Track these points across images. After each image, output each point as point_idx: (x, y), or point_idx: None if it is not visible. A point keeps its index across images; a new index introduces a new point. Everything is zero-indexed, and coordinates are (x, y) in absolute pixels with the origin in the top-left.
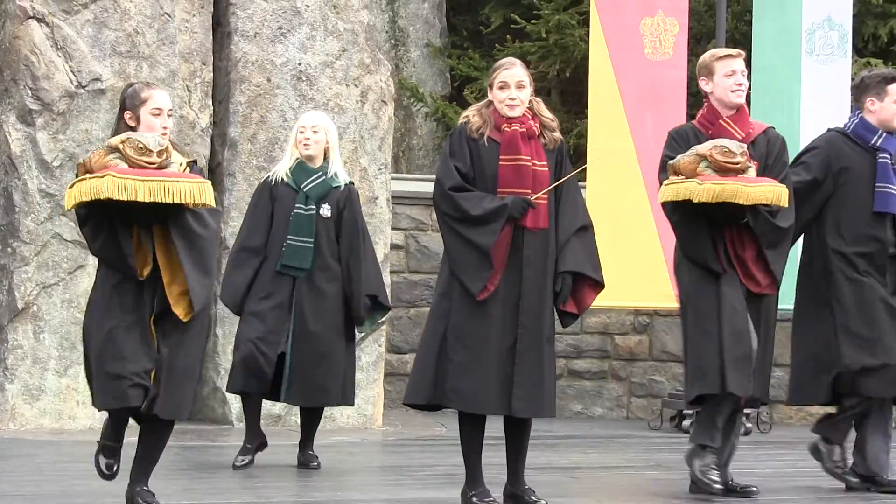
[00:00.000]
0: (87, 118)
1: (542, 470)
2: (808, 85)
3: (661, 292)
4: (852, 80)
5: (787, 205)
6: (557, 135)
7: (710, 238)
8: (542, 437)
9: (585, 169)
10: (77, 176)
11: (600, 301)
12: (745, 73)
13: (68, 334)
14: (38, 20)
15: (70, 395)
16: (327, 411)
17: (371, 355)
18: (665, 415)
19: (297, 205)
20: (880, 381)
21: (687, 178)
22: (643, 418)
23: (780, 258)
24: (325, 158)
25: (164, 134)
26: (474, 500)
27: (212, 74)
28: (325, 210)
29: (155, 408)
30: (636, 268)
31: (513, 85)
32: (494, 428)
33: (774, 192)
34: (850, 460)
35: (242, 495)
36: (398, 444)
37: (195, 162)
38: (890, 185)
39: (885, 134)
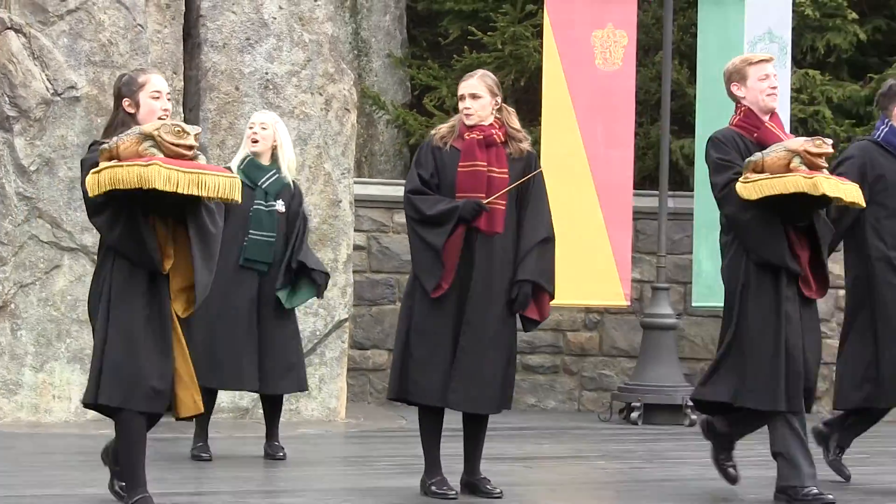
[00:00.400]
0: (63, 124)
1: (497, 460)
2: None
3: (611, 291)
4: (791, 89)
5: (864, 204)
6: (524, 145)
7: (786, 238)
8: (497, 429)
9: (534, 175)
10: (98, 163)
11: (553, 299)
12: (777, 77)
13: (45, 331)
14: (16, 31)
15: (46, 390)
16: (293, 405)
17: (335, 351)
18: (614, 407)
19: (256, 201)
20: None
21: (774, 174)
22: (593, 411)
23: (827, 262)
24: (273, 157)
25: (165, 116)
26: (432, 488)
27: (182, 83)
28: (280, 206)
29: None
30: (587, 268)
31: (467, 96)
32: (456, 420)
33: (859, 193)
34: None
35: (213, 484)
36: (360, 435)
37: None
38: None
39: None
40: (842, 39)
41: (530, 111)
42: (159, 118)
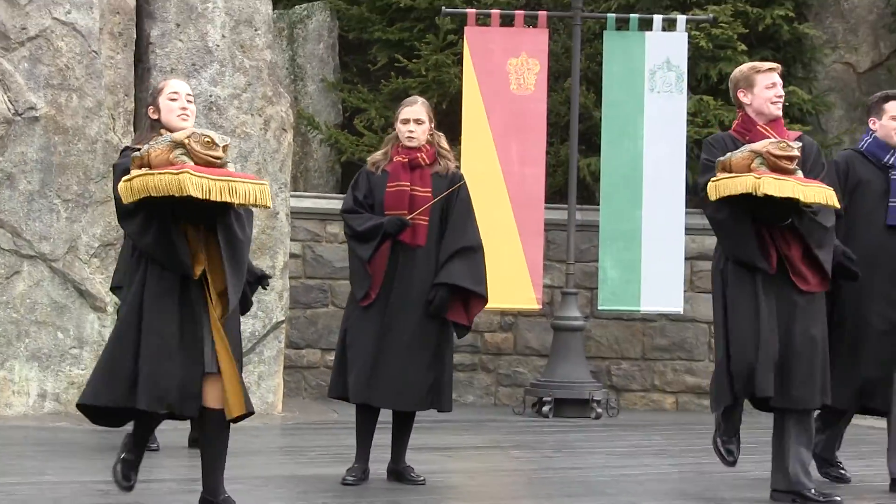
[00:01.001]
0: (23, 142)
1: (420, 449)
2: (650, 117)
3: (524, 295)
4: (687, 112)
5: (837, 205)
6: (451, 164)
7: (756, 237)
8: (420, 422)
9: (452, 191)
10: (129, 170)
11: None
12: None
13: (5, 332)
14: None
15: (7, 386)
16: None
17: (272, 350)
18: (527, 402)
19: None
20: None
21: (738, 174)
22: (508, 405)
23: (829, 257)
24: None
25: (184, 116)
26: (346, 476)
27: (133, 104)
28: None
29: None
30: (502, 274)
31: (412, 120)
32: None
33: (826, 195)
34: None
35: (159, 472)
36: (296, 427)
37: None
38: None
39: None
40: (732, 68)
41: (451, 131)
42: (178, 116)
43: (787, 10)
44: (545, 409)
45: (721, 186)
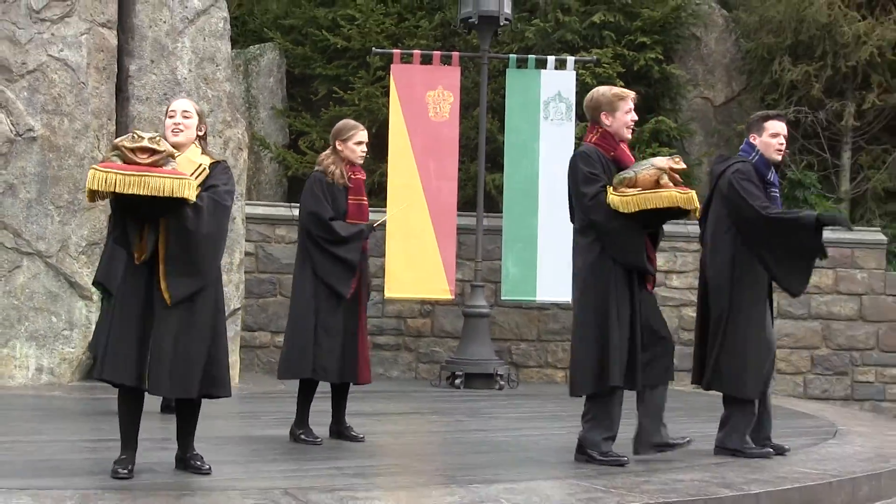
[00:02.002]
0: (23, 158)
1: (353, 415)
2: (545, 141)
3: (440, 287)
4: (575, 139)
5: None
6: None
7: (644, 243)
8: (353, 392)
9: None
10: None
11: (397, 294)
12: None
13: (8, 316)
14: None
15: (9, 361)
16: None
17: (230, 332)
18: (442, 376)
19: None
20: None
21: (645, 188)
22: (427, 378)
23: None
24: None
25: (176, 131)
26: (301, 436)
27: (115, 127)
28: None
29: (155, 388)
30: (421, 269)
31: (365, 143)
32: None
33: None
34: None
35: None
36: (250, 396)
37: (218, 163)
38: None
39: (773, 169)
40: None
41: (379, 152)
42: (171, 131)
43: (657, 53)
44: (457, 381)
45: (641, 200)
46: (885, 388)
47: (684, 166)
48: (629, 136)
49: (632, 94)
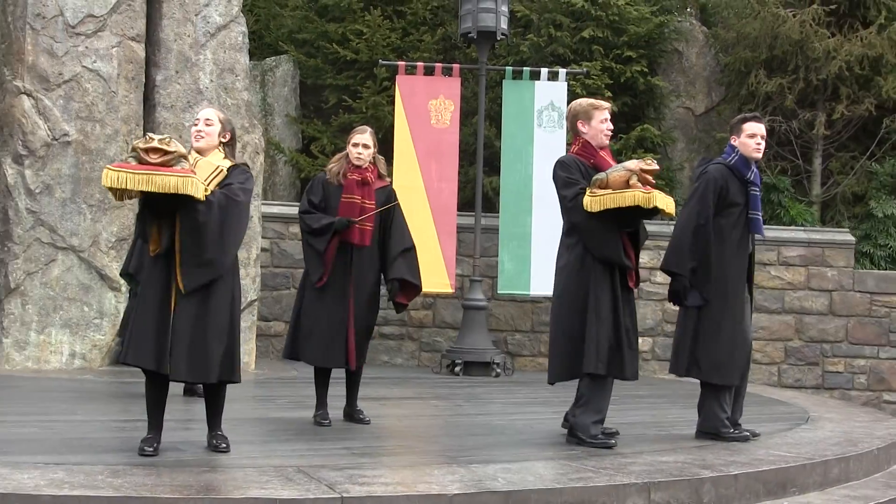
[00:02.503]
0: (59, 161)
1: (361, 399)
2: (538, 147)
3: (441, 282)
4: (566, 143)
5: (673, 213)
6: (388, 183)
7: (621, 240)
8: (361, 378)
9: (391, 206)
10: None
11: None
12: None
13: (44, 306)
14: (27, 95)
15: (46, 347)
16: None
17: (247, 322)
18: (443, 364)
19: None
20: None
21: (616, 189)
22: (428, 366)
23: (638, 261)
24: None
25: (197, 137)
26: (317, 418)
27: (142, 132)
28: None
29: (175, 373)
30: (424, 266)
31: (361, 145)
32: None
33: (670, 202)
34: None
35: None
36: (265, 381)
37: (237, 166)
38: (759, 213)
39: (755, 168)
40: None
41: (385, 156)
42: (193, 136)
43: (642, 66)
44: (457, 369)
45: (607, 200)
46: (854, 378)
47: (656, 167)
48: (607, 142)
49: (608, 105)
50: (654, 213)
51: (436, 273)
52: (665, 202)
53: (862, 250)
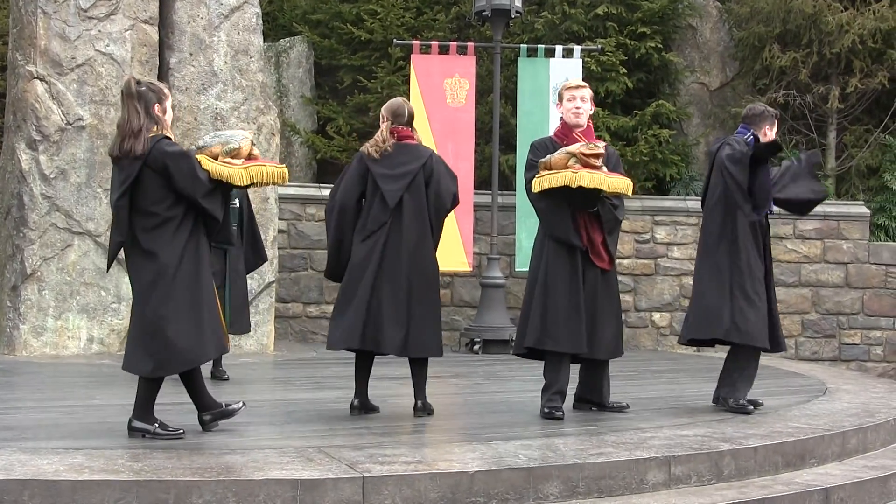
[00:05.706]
0: (73, 146)
1: (381, 378)
2: (554, 124)
3: (459, 260)
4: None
5: (631, 195)
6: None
7: (571, 220)
8: (381, 358)
9: None
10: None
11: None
12: (586, 99)
13: (61, 291)
14: (41, 79)
15: (63, 333)
16: (236, 342)
17: (265, 304)
18: (462, 342)
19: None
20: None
21: (556, 170)
22: (448, 344)
23: (615, 242)
24: None
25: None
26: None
27: None
28: (237, 202)
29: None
30: (442, 244)
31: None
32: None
33: (626, 184)
34: None
35: (171, 398)
36: (284, 362)
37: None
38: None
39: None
40: (616, 87)
41: None
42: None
43: (657, 42)
44: (475, 347)
45: (544, 181)
46: (870, 350)
47: (600, 151)
48: (580, 122)
49: (577, 84)
50: (597, 193)
51: (453, 252)
52: (609, 183)
53: (877, 223)
